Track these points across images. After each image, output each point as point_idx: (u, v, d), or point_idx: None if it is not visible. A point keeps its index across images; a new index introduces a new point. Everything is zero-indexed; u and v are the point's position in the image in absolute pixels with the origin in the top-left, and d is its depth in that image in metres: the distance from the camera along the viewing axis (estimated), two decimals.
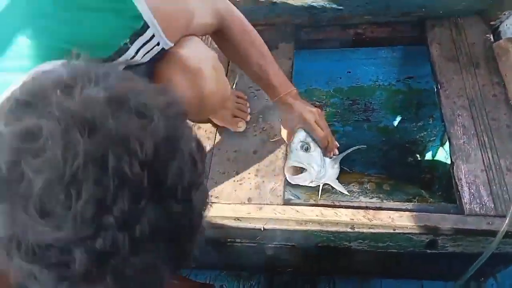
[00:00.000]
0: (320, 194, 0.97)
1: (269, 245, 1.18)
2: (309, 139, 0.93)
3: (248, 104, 1.12)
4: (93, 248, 0.36)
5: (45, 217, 0.35)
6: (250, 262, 1.29)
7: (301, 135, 0.93)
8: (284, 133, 1.00)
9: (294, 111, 0.96)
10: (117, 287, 0.40)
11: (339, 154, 1.00)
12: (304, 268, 1.42)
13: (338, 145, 1.01)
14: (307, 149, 0.91)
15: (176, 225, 0.42)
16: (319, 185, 0.97)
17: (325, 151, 0.97)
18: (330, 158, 0.97)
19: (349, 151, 0.99)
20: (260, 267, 1.31)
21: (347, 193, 0.98)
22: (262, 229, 0.95)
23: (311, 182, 0.91)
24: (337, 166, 0.96)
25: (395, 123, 1.71)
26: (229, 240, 1.18)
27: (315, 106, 1.01)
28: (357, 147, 1.01)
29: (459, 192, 0.91)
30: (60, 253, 0.36)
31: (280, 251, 1.21)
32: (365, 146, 1.01)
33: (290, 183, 0.98)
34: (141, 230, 0.38)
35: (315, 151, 0.93)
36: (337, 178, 1.00)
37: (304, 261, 1.32)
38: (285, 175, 0.97)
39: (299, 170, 0.92)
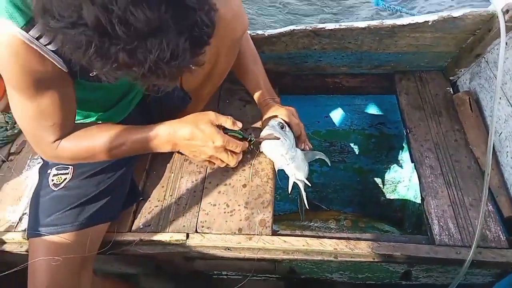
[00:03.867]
0: (291, 190, 1.05)
1: (255, 278, 1.21)
2: (285, 124, 1.04)
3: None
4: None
5: None
6: None
7: (278, 119, 1.05)
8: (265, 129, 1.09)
9: (275, 109, 1.09)
10: (129, 43, 0.50)
11: (310, 151, 1.10)
12: None
13: (311, 146, 1.12)
14: (282, 127, 1.01)
15: None
16: (290, 185, 1.05)
17: (298, 141, 1.07)
18: (302, 150, 1.06)
19: (318, 153, 1.10)
20: None
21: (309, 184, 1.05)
22: (255, 260, 0.99)
23: (282, 155, 0.99)
24: (306, 164, 1.04)
25: (369, 164, 1.83)
26: (215, 272, 1.21)
27: None
28: (322, 156, 1.12)
29: (429, 224, 1.00)
30: (74, 11, 0.48)
31: (265, 284, 1.24)
32: (329, 164, 1.13)
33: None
34: None
35: (290, 133, 1.03)
36: (310, 201, 1.09)
37: None
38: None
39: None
